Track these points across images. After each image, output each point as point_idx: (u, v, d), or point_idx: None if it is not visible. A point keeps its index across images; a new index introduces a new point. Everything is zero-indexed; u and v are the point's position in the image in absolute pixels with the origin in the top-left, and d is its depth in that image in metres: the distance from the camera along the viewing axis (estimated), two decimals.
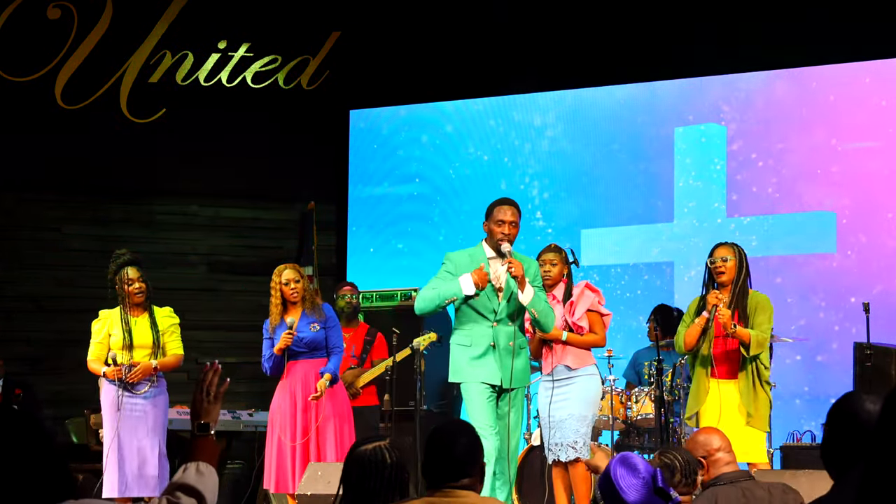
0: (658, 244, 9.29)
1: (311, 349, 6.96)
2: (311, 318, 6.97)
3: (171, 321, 6.92)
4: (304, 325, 6.95)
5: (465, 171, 10.02)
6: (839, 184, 8.79)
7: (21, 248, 9.72)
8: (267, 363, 6.99)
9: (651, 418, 7.43)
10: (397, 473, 3.30)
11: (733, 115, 9.19)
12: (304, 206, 10.19)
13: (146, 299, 6.85)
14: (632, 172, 9.46)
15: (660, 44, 9.39)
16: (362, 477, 3.28)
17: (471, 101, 10.06)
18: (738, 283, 6.25)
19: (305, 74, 10.28)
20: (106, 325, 6.80)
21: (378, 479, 3.28)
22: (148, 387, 6.71)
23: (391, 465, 3.29)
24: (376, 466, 3.29)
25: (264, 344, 7.06)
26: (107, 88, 9.86)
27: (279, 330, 6.96)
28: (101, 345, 6.77)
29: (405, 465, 3.35)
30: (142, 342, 6.73)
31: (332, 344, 7.04)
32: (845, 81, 8.88)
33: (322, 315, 7.01)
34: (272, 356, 6.94)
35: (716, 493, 3.99)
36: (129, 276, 6.79)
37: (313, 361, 6.96)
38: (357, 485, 3.29)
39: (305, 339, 6.93)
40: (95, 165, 9.77)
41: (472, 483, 3.29)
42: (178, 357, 6.90)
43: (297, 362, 6.95)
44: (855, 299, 8.16)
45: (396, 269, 9.93)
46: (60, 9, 9.75)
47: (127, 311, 6.78)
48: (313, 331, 6.95)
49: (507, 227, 6.03)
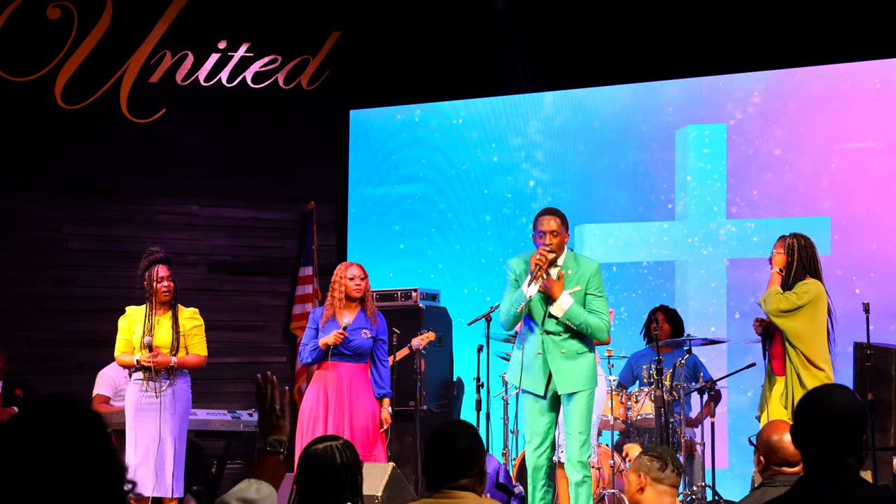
0: (658, 244, 9.29)
1: (356, 355, 6.90)
2: (365, 324, 6.91)
3: (195, 322, 6.98)
4: (357, 328, 6.87)
5: (466, 171, 10.02)
6: (839, 184, 8.79)
7: (21, 248, 9.72)
8: (309, 353, 6.90)
9: (651, 418, 7.43)
10: (347, 474, 3.29)
11: (733, 115, 9.19)
12: (304, 206, 10.19)
13: (173, 298, 6.89)
14: (632, 173, 9.46)
15: (660, 44, 9.39)
16: (312, 475, 3.28)
17: (471, 101, 10.07)
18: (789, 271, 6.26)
19: (305, 74, 10.28)
20: (130, 320, 6.86)
21: (328, 478, 3.27)
22: (167, 385, 6.74)
23: (341, 465, 3.28)
24: (326, 466, 3.28)
25: (307, 332, 6.98)
26: (107, 88, 9.86)
27: (330, 325, 6.90)
28: (127, 341, 6.83)
29: (358, 465, 3.33)
30: (160, 342, 6.77)
31: (380, 356, 6.97)
32: (845, 81, 8.88)
33: (376, 323, 6.96)
34: (317, 348, 6.85)
35: (766, 494, 3.98)
36: (160, 273, 6.82)
37: (354, 366, 6.90)
38: (307, 484, 3.29)
39: (353, 343, 6.86)
40: (95, 165, 9.76)
41: (471, 484, 3.28)
42: (200, 358, 6.95)
43: (338, 363, 6.88)
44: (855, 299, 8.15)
45: (396, 269, 9.94)
46: (60, 9, 9.74)
47: (153, 308, 6.82)
48: (364, 337, 6.89)
49: (547, 237, 5.92)
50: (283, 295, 10.21)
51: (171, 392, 6.74)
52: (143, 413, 6.69)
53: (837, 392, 2.92)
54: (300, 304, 9.87)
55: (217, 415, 8.86)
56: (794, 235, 6.33)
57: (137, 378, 6.74)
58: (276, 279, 10.26)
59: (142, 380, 6.70)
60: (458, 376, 9.28)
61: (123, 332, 6.89)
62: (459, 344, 9.15)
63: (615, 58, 9.56)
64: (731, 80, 9.23)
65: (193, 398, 7.07)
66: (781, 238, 6.39)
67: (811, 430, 2.86)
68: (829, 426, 2.83)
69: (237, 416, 8.90)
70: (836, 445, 2.83)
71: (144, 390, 6.70)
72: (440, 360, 9.07)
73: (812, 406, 2.90)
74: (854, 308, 7.08)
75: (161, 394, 6.69)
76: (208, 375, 9.88)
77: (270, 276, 10.26)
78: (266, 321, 10.19)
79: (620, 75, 9.57)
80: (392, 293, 9.10)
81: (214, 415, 8.85)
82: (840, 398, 2.89)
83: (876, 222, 8.66)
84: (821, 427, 2.84)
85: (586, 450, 5.87)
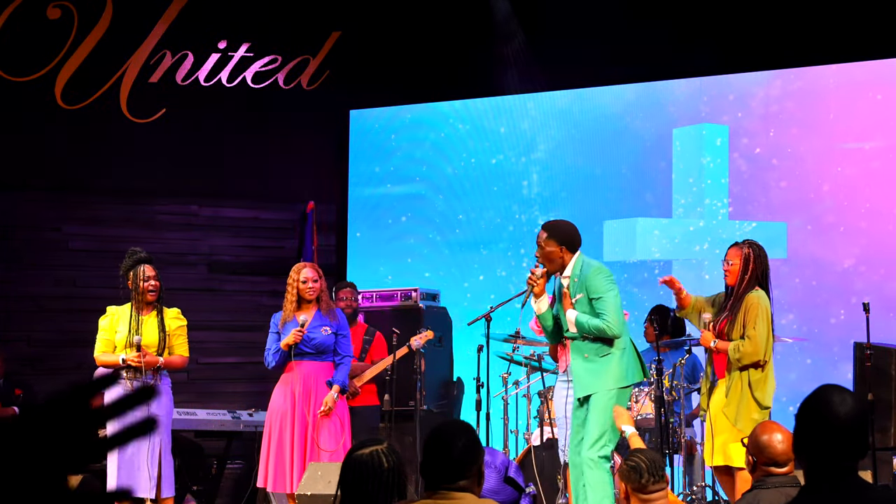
0: (655, 243, 9.29)
1: (319, 352, 6.90)
2: (323, 321, 6.93)
3: (179, 322, 6.90)
4: (316, 326, 6.89)
5: (465, 171, 10.02)
6: (840, 184, 8.79)
7: (21, 248, 9.72)
8: (272, 357, 6.94)
9: (651, 418, 7.43)
10: (394, 477, 3.30)
11: (734, 115, 9.19)
12: (304, 206, 10.19)
13: (158, 298, 6.83)
14: (631, 173, 9.46)
15: (661, 44, 9.39)
16: (359, 481, 3.29)
17: (470, 101, 10.07)
18: (738, 286, 6.18)
19: (305, 74, 10.28)
20: (113, 320, 6.77)
21: (375, 482, 3.28)
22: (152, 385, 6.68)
23: (388, 469, 3.30)
24: (374, 471, 3.29)
25: (270, 337, 7.01)
26: (107, 88, 9.87)
27: (289, 326, 6.93)
28: (109, 340, 6.74)
29: (403, 468, 3.35)
30: (147, 342, 6.70)
31: (342, 352, 6.98)
32: (846, 81, 8.88)
33: (335, 319, 6.97)
34: (278, 350, 6.90)
35: (758, 497, 3.97)
36: (147, 273, 6.76)
37: (318, 364, 6.92)
38: (354, 488, 3.30)
39: (314, 341, 6.88)
40: (95, 165, 9.77)
41: (469, 485, 3.28)
42: (184, 359, 6.89)
43: (302, 362, 6.91)
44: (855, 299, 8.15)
45: (396, 269, 9.93)
46: (60, 9, 9.74)
47: (139, 308, 6.75)
48: (324, 333, 6.90)
49: (537, 250, 6.05)
50: (282, 295, 10.19)
51: None
52: None
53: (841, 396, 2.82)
54: None
55: (217, 415, 8.85)
56: (749, 244, 6.23)
57: (120, 378, 6.66)
58: (275, 279, 10.22)
59: (125, 380, 6.63)
60: (458, 376, 9.28)
61: (105, 332, 6.76)
62: (459, 344, 9.15)
63: (614, 58, 9.55)
64: (732, 80, 9.22)
65: (193, 398, 7.07)
66: (737, 246, 6.23)
67: (816, 436, 2.78)
68: (836, 432, 2.75)
69: (237, 416, 8.89)
70: (842, 450, 2.76)
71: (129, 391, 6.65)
72: (440, 360, 9.07)
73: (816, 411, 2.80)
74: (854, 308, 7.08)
75: None
76: (208, 375, 9.91)
77: (270, 276, 10.25)
78: (266, 321, 10.14)
79: (620, 76, 9.57)
80: (392, 293, 9.09)
81: (214, 415, 8.84)
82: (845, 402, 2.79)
83: (876, 222, 8.66)
84: (827, 433, 2.76)
85: (596, 449, 5.88)
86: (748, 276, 6.14)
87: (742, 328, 6.09)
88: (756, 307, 6.08)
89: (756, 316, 6.07)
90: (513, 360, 7.74)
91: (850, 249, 8.67)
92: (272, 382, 7.17)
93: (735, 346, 6.06)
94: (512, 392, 7.91)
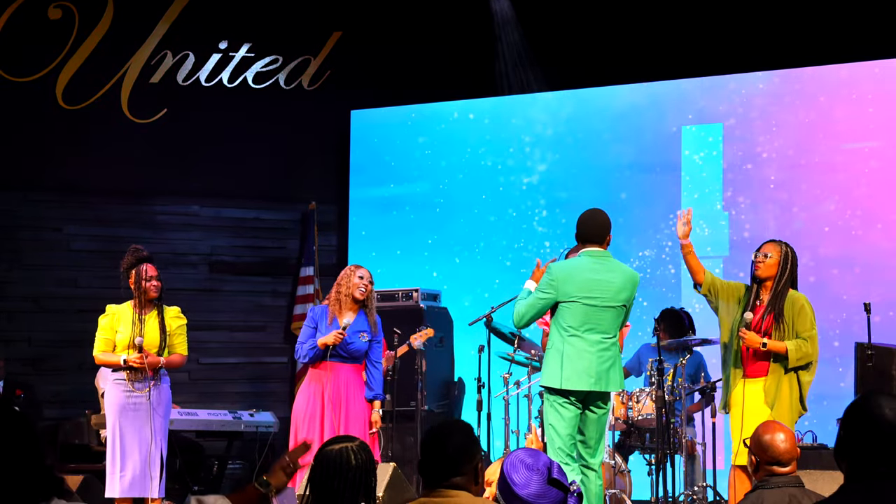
0: (659, 243, 9.28)
1: (352, 357, 6.87)
2: (364, 327, 6.89)
3: (179, 322, 6.87)
4: (356, 331, 6.83)
5: (466, 171, 10.01)
6: (840, 183, 8.78)
7: (21, 248, 9.73)
8: (308, 351, 6.83)
9: (652, 418, 7.42)
10: (362, 476, 3.29)
11: (734, 115, 9.19)
12: (305, 206, 10.19)
13: (158, 297, 6.81)
14: (633, 172, 9.46)
15: (660, 44, 9.39)
16: (326, 477, 3.28)
17: (470, 101, 10.06)
18: (778, 283, 6.08)
19: (306, 75, 10.28)
20: (113, 319, 6.74)
21: (341, 480, 3.27)
22: (152, 385, 6.67)
23: (356, 467, 3.28)
24: (341, 468, 3.28)
25: (305, 331, 6.91)
26: (108, 88, 9.87)
27: (330, 325, 6.87)
28: (108, 340, 6.71)
29: (373, 467, 3.34)
30: (148, 342, 6.67)
31: (374, 358, 6.92)
32: (846, 81, 8.87)
33: (375, 328, 6.93)
34: (315, 347, 6.80)
35: (762, 497, 3.96)
36: (149, 272, 6.74)
37: (349, 367, 6.86)
38: (321, 484, 3.29)
39: (351, 346, 6.81)
40: (95, 165, 9.76)
41: (465, 482, 3.28)
42: (183, 358, 6.86)
43: (334, 364, 6.82)
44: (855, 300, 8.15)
45: (397, 269, 9.93)
46: (61, 9, 9.75)
47: (140, 307, 6.73)
48: (362, 340, 6.85)
49: None
50: (284, 295, 10.22)
51: (156, 392, 6.68)
52: (130, 414, 6.59)
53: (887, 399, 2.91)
54: (301, 305, 9.86)
55: (218, 415, 8.84)
56: (786, 244, 6.21)
57: (120, 378, 6.61)
58: (277, 279, 10.26)
59: (125, 380, 6.61)
60: (460, 376, 9.28)
61: (105, 332, 6.73)
62: (460, 344, 9.14)
63: (615, 58, 9.56)
64: (731, 80, 9.22)
65: (194, 398, 7.05)
66: (774, 243, 6.19)
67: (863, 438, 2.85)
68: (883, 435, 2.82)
69: (238, 417, 8.89)
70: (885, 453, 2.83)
71: (129, 391, 6.62)
72: (441, 360, 9.07)
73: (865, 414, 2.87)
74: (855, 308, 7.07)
75: (148, 394, 6.62)
76: (209, 375, 9.91)
77: (271, 277, 10.27)
78: (267, 321, 10.19)
79: (620, 76, 9.56)
80: (393, 293, 9.09)
81: (215, 415, 8.83)
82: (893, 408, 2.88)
83: (876, 222, 8.66)
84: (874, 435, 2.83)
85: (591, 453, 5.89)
86: (787, 275, 6.10)
87: (791, 328, 6.04)
88: (809, 309, 6.07)
89: (811, 318, 6.06)
90: (514, 361, 7.73)
91: (850, 249, 8.67)
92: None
93: (798, 345, 6.00)
94: (513, 392, 7.90)
